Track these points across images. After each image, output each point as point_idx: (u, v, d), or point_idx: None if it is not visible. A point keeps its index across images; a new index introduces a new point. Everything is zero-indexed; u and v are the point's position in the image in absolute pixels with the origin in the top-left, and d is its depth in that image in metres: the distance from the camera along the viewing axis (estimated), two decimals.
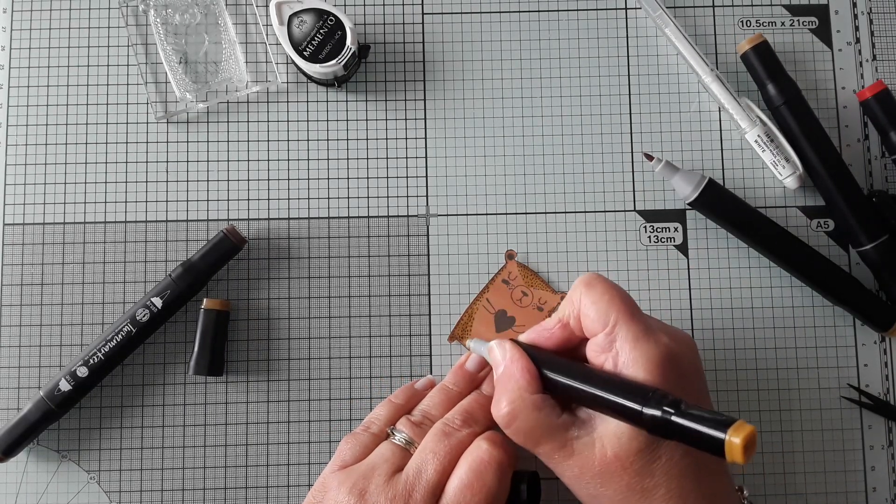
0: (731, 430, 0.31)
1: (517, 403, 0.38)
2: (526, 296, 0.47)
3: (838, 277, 0.46)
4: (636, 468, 0.36)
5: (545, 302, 0.47)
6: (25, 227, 0.48)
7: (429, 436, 0.40)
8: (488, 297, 0.47)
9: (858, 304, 0.46)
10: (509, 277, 0.47)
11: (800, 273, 0.47)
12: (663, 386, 0.35)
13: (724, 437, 0.31)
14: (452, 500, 0.37)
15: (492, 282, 0.47)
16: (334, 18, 0.46)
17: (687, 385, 0.37)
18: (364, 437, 0.42)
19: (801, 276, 0.47)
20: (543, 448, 0.37)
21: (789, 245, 0.46)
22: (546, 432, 0.37)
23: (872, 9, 0.50)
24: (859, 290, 0.47)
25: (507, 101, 0.49)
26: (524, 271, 0.47)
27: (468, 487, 0.37)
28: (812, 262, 0.46)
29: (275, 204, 0.48)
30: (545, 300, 0.47)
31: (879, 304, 0.47)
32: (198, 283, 0.46)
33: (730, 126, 0.49)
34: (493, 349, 0.40)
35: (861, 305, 0.46)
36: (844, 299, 0.47)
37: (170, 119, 0.49)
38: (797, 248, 0.46)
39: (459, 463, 0.39)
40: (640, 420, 0.34)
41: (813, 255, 0.47)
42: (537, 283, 0.47)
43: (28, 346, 0.47)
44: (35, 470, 0.46)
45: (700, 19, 0.50)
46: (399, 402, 0.44)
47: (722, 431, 0.31)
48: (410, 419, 0.42)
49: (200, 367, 0.45)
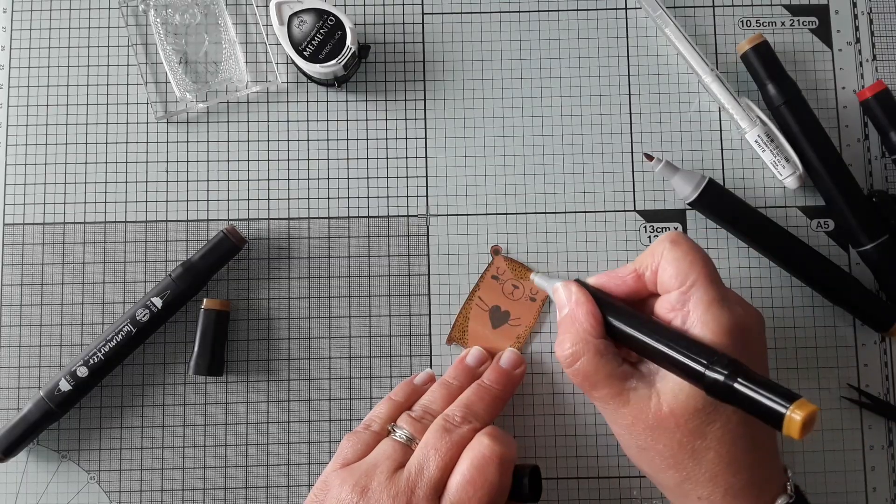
0: (795, 406, 0.31)
1: (580, 346, 0.38)
2: (517, 288, 0.47)
3: (838, 277, 0.46)
4: (690, 427, 0.36)
5: (536, 292, 0.47)
6: (25, 227, 0.48)
7: (429, 432, 0.40)
8: (480, 295, 0.47)
9: (858, 304, 0.46)
10: (498, 273, 0.48)
11: (800, 273, 0.47)
12: (729, 353, 0.35)
13: (786, 410, 0.31)
14: (455, 496, 0.37)
15: (481, 279, 0.47)
16: (334, 18, 0.46)
17: (752, 357, 0.37)
18: (365, 435, 0.42)
19: (801, 276, 0.47)
20: (600, 392, 0.38)
21: (789, 245, 0.46)
22: (605, 378, 0.38)
23: (872, 9, 0.50)
24: (859, 289, 0.46)
25: (507, 101, 0.49)
26: (512, 264, 0.48)
27: (470, 483, 0.38)
28: (812, 262, 0.46)
29: (275, 204, 0.48)
30: (536, 290, 0.47)
31: (879, 304, 0.47)
32: (198, 283, 0.46)
33: (730, 126, 0.49)
34: (559, 290, 0.41)
35: (861, 305, 0.46)
36: (844, 299, 0.47)
37: (170, 119, 0.49)
38: (797, 248, 0.46)
39: (461, 459, 0.39)
40: (701, 380, 0.35)
41: (813, 255, 0.47)
42: (526, 275, 0.47)
43: (28, 346, 0.47)
44: (35, 470, 0.46)
45: (700, 19, 0.50)
46: (399, 399, 0.44)
47: (785, 405, 0.32)
48: (411, 415, 0.42)
49: (200, 368, 0.45)
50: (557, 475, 0.46)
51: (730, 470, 0.36)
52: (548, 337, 0.47)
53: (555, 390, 0.47)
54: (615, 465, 0.46)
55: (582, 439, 0.46)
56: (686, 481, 0.37)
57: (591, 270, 0.48)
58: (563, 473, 0.46)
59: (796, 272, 0.47)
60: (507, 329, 0.47)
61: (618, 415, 0.38)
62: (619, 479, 0.46)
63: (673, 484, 0.38)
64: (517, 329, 0.47)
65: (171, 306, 0.45)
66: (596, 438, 0.46)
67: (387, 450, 0.40)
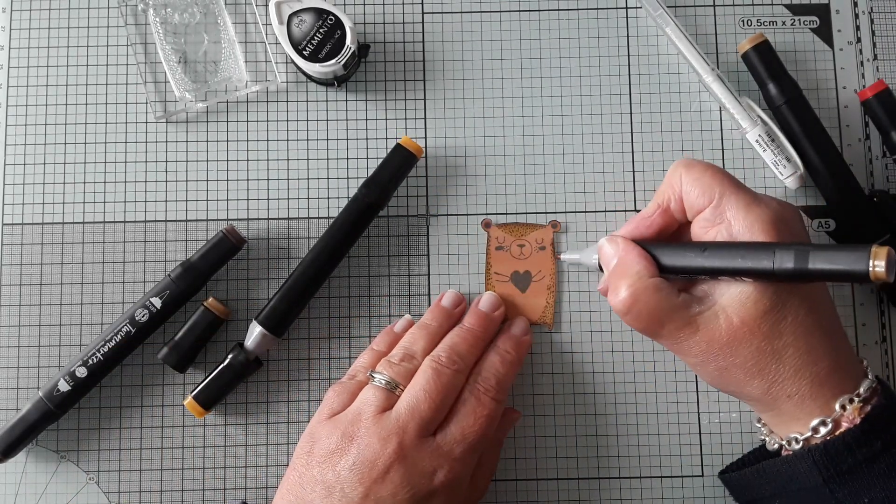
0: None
1: (637, 286, 0.38)
2: (523, 246, 0.47)
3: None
4: (764, 330, 0.37)
5: (542, 239, 0.47)
6: (24, 227, 0.48)
7: (419, 375, 0.41)
8: (494, 270, 0.47)
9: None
10: (500, 241, 0.48)
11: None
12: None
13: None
14: (451, 433, 0.40)
15: (488, 255, 0.47)
16: (334, 18, 0.46)
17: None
18: (351, 384, 0.43)
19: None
20: (667, 328, 0.38)
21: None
22: (668, 312, 0.38)
23: (873, 8, 0.50)
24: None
25: (507, 100, 0.49)
26: (507, 228, 0.48)
27: (466, 419, 0.40)
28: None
29: (274, 204, 0.48)
30: (541, 238, 0.47)
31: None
32: (197, 284, 0.46)
33: (731, 126, 0.49)
34: (604, 245, 0.41)
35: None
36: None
37: (169, 119, 0.49)
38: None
39: (458, 400, 0.41)
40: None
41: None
42: (525, 230, 0.48)
43: (27, 346, 0.47)
44: (34, 471, 0.46)
45: (701, 18, 0.50)
46: (381, 348, 0.45)
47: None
48: (390, 360, 0.42)
49: (170, 358, 0.45)
50: (558, 476, 0.46)
51: (811, 359, 0.37)
52: (548, 337, 0.47)
53: (555, 390, 0.47)
54: (615, 465, 0.46)
55: (582, 439, 0.46)
56: (773, 385, 0.37)
57: (592, 270, 0.47)
58: (563, 474, 0.46)
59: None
60: (535, 287, 0.47)
61: (690, 344, 0.38)
62: (619, 480, 0.46)
63: (760, 393, 0.38)
64: (544, 281, 0.47)
65: (170, 306, 0.45)
66: (596, 439, 0.46)
67: (369, 397, 0.41)
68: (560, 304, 0.47)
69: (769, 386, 0.38)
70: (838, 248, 0.34)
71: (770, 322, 0.37)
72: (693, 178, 0.39)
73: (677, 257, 0.39)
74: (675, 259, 0.39)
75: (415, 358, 0.42)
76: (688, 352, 0.39)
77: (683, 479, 0.46)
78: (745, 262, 0.36)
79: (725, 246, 0.37)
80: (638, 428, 0.47)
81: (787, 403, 0.38)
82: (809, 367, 0.37)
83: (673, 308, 0.38)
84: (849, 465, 0.36)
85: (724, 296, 0.38)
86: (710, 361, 0.38)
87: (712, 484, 0.46)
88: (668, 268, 0.39)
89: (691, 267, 0.38)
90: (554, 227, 0.48)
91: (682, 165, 0.40)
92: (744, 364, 0.37)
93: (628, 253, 0.40)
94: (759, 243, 0.36)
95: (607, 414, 0.47)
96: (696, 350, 0.38)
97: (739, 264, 0.36)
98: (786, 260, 0.35)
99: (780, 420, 0.39)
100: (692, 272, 0.39)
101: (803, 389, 0.37)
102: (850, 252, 0.34)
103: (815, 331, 0.37)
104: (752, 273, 0.36)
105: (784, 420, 0.39)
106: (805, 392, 0.37)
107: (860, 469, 0.36)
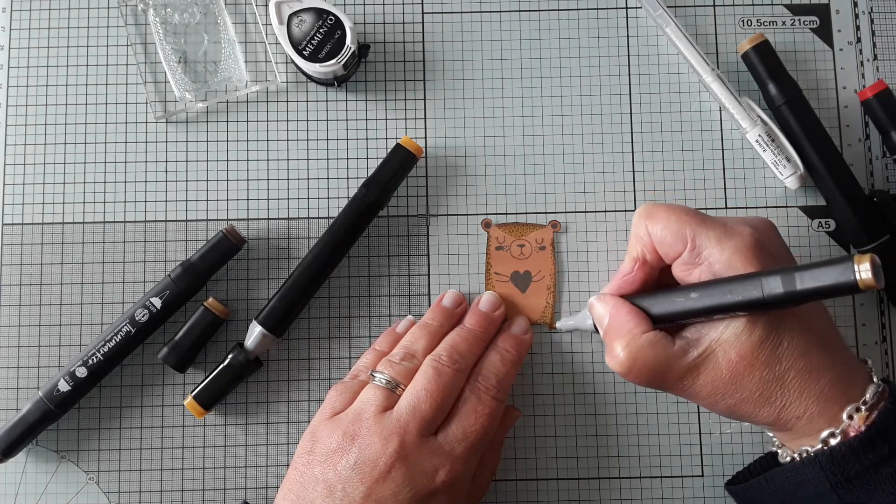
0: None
1: (632, 345, 0.38)
2: (523, 246, 0.47)
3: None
4: (763, 360, 0.37)
5: (542, 239, 0.47)
6: (24, 227, 0.48)
7: (420, 374, 0.41)
8: (494, 270, 0.47)
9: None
10: (500, 242, 0.48)
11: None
12: (761, 268, 0.37)
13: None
14: (452, 432, 0.40)
15: (488, 255, 0.47)
16: (334, 18, 0.46)
17: (780, 258, 0.39)
18: (353, 384, 0.43)
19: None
20: (670, 379, 0.38)
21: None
22: (667, 364, 0.38)
23: (873, 8, 0.50)
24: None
25: (507, 100, 0.49)
26: (507, 228, 0.48)
27: (468, 418, 0.40)
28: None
29: (274, 204, 0.48)
30: (541, 238, 0.47)
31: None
32: (197, 284, 0.46)
33: (730, 126, 0.49)
34: (594, 305, 0.41)
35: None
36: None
37: (169, 119, 0.49)
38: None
39: (459, 400, 0.41)
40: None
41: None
42: (524, 230, 0.48)
43: (27, 346, 0.47)
44: (34, 471, 0.46)
45: (701, 18, 0.50)
46: (383, 348, 0.45)
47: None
48: (391, 360, 0.42)
49: (170, 358, 0.45)
50: (558, 476, 0.46)
51: (813, 377, 0.37)
52: (548, 337, 0.47)
53: (555, 390, 0.47)
54: (615, 465, 0.46)
55: (582, 440, 0.46)
56: (782, 410, 0.38)
57: (592, 270, 0.47)
58: (563, 474, 0.46)
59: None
60: (535, 287, 0.47)
61: (697, 388, 0.38)
62: (619, 480, 0.46)
63: (771, 419, 0.38)
64: (544, 281, 0.47)
65: (170, 306, 0.45)
66: (596, 439, 0.46)
67: (370, 396, 0.41)
68: (560, 304, 0.47)
69: (778, 412, 0.38)
70: (822, 264, 0.34)
71: (767, 350, 0.37)
72: (660, 227, 0.39)
73: (668, 304, 0.39)
74: (666, 307, 0.39)
75: (415, 357, 0.42)
76: (696, 396, 0.39)
77: (683, 479, 0.46)
78: (734, 297, 0.36)
79: (712, 284, 0.37)
80: (638, 428, 0.47)
81: (797, 424, 0.38)
82: (812, 385, 0.37)
83: (671, 359, 0.38)
84: (856, 470, 0.36)
85: (717, 335, 0.38)
86: (719, 401, 0.38)
87: (712, 484, 0.46)
88: (661, 317, 0.39)
89: (683, 311, 0.38)
90: (554, 227, 0.48)
91: (643, 216, 0.40)
92: (751, 397, 0.38)
93: (618, 311, 0.40)
94: (745, 275, 0.36)
95: (607, 414, 0.47)
96: (704, 393, 0.38)
97: (730, 300, 0.36)
98: (774, 286, 0.35)
99: (792, 436, 0.39)
100: (685, 317, 0.38)
101: (811, 409, 0.37)
102: (834, 266, 0.34)
103: (812, 349, 0.37)
104: (744, 306, 0.36)
105: (795, 436, 0.39)
106: (813, 411, 0.37)
107: (867, 474, 0.36)
